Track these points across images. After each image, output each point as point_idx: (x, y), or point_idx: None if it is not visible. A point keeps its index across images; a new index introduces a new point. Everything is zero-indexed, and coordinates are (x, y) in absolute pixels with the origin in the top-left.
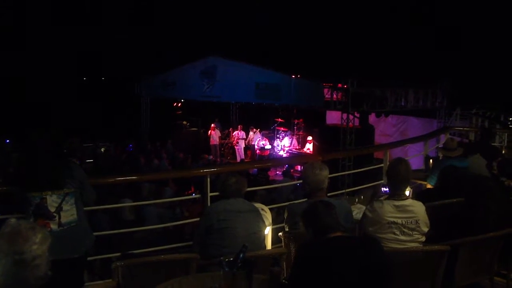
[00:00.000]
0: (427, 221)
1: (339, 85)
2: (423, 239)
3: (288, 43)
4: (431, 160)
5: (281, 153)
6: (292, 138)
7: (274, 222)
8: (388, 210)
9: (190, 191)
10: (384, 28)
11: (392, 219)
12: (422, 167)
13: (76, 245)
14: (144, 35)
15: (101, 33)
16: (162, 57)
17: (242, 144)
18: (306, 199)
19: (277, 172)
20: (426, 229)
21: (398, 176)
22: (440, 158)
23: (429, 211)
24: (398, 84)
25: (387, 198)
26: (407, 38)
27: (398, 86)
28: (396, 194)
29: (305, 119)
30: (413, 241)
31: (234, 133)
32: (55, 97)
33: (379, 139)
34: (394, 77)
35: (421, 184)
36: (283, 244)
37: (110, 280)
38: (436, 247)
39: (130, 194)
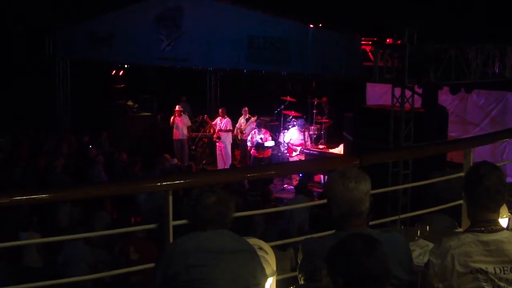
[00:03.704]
0: None
1: (388, 40)
2: None
3: None
4: None
5: (294, 154)
6: (306, 131)
7: (280, 268)
8: (470, 250)
9: (139, 218)
10: None
11: (477, 266)
12: None
13: None
14: None
15: None
16: None
17: (227, 139)
18: (333, 232)
19: (285, 185)
20: None
21: (485, 191)
22: None
23: None
24: (489, 38)
25: (468, 230)
26: None
27: (488, 42)
28: (481, 222)
29: (331, 98)
30: None
31: (214, 120)
32: None
33: (455, 130)
34: (480, 27)
35: None
36: None
37: None
38: None
39: (38, 224)
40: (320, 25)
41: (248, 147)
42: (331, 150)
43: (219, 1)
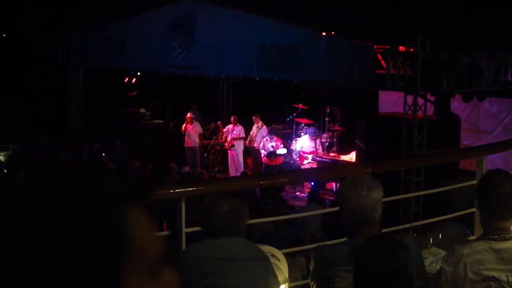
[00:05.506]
0: None
1: (401, 48)
2: None
3: None
4: None
5: (305, 161)
6: (317, 139)
7: (292, 276)
8: (483, 258)
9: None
10: None
11: (490, 274)
12: None
13: None
14: None
15: None
16: (103, 0)
17: (239, 146)
18: (345, 239)
19: (297, 193)
20: None
21: (497, 199)
22: None
23: None
24: (501, 46)
25: (480, 238)
26: None
27: (500, 50)
28: (494, 230)
29: (343, 106)
30: None
31: (226, 128)
32: None
33: (468, 138)
34: (493, 35)
35: None
36: None
37: None
38: None
39: None
40: (333, 32)
41: (261, 154)
42: (343, 158)
43: (232, 9)
